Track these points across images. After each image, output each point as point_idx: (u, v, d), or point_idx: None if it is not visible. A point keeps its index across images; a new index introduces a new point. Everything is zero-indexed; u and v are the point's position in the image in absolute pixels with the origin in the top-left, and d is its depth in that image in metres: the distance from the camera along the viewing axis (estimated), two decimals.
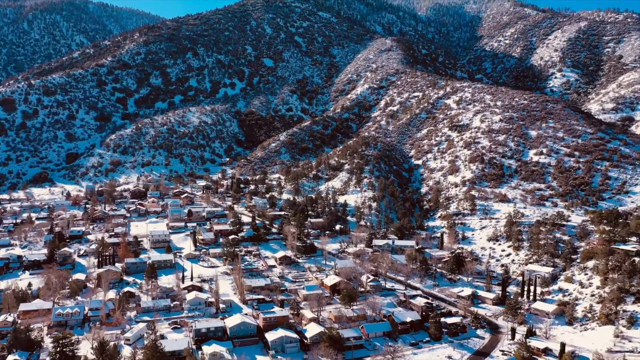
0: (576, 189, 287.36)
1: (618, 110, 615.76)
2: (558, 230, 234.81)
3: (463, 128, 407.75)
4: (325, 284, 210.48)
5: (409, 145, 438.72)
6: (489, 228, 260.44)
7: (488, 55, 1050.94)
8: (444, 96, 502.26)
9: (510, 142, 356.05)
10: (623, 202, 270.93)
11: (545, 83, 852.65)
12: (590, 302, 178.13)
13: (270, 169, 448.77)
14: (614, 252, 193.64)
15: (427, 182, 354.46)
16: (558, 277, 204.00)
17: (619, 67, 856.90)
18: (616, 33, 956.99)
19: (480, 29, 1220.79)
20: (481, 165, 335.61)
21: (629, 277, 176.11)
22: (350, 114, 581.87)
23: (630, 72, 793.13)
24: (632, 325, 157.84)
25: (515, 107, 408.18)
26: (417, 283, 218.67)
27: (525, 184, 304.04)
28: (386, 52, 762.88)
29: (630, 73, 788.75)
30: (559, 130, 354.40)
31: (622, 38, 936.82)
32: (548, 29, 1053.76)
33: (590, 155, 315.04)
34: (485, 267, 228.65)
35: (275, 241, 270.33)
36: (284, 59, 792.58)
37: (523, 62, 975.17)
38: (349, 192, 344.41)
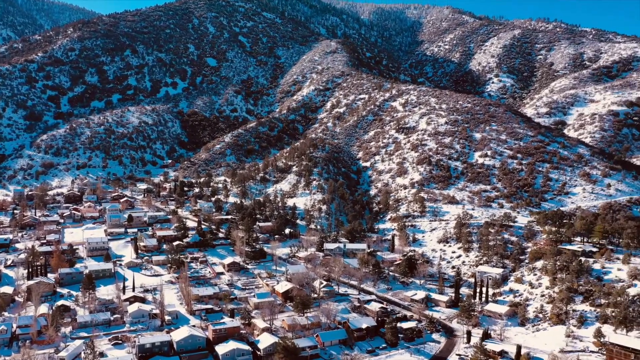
0: (520, 190, 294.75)
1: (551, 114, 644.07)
2: (506, 231, 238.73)
3: (410, 130, 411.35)
4: (277, 290, 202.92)
5: (357, 147, 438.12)
6: (439, 230, 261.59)
7: (429, 60, 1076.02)
8: (390, 98, 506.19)
9: (456, 144, 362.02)
10: (564, 202, 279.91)
11: (483, 87, 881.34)
12: (540, 302, 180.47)
13: (216, 172, 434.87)
14: (561, 252, 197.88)
15: (376, 184, 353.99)
16: (508, 277, 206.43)
17: (551, 74, 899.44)
18: (547, 41, 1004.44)
19: (421, 34, 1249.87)
20: (429, 167, 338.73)
21: (576, 276, 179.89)
22: (297, 115, 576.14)
23: (561, 79, 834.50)
24: (582, 324, 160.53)
25: (459, 110, 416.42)
26: (370, 287, 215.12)
27: (472, 186, 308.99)
28: (331, 54, 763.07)
29: (561, 79, 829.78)
30: (502, 133, 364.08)
31: (553, 46, 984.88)
32: (485, 35, 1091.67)
33: (532, 158, 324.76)
34: (437, 270, 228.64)
35: (222, 247, 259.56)
36: (228, 59, 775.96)
37: (462, 67, 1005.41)
38: (298, 195, 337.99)
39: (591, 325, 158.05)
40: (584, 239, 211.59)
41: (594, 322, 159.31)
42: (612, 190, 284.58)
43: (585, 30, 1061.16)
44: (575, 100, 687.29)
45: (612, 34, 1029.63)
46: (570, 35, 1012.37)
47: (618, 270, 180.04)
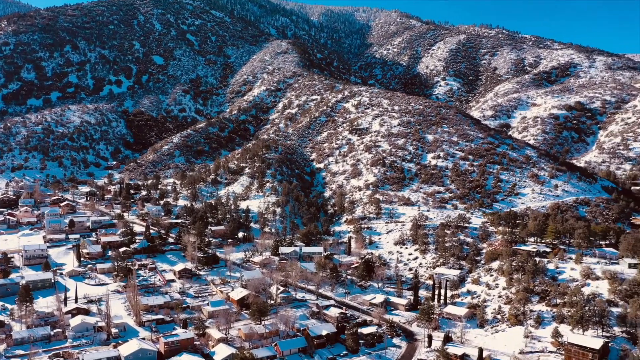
0: (473, 192, 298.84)
1: (497, 117, 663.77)
2: (461, 232, 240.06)
3: (363, 132, 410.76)
4: (232, 298, 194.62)
5: (310, 149, 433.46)
6: (395, 232, 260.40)
7: (378, 62, 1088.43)
8: (342, 100, 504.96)
9: (410, 145, 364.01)
10: (514, 203, 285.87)
11: (431, 90, 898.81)
12: (498, 303, 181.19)
13: (164, 173, 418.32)
14: (517, 252, 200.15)
15: (330, 186, 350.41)
16: (465, 279, 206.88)
17: (495, 78, 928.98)
18: (490, 47, 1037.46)
19: (370, 37, 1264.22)
20: (383, 169, 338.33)
21: (532, 277, 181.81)
22: (248, 115, 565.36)
23: (505, 83, 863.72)
24: (539, 325, 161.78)
25: (411, 112, 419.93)
26: (328, 292, 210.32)
27: (426, 187, 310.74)
28: (282, 55, 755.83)
29: (505, 83, 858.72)
30: (454, 134, 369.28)
31: (496, 51, 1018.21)
32: (432, 40, 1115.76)
33: (482, 159, 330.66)
34: (395, 272, 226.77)
35: (173, 252, 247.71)
36: (175, 57, 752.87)
37: (410, 70, 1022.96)
38: (251, 197, 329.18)
39: (548, 325, 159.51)
40: (537, 240, 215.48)
41: (551, 322, 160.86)
42: (559, 191, 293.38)
43: (525, 37, 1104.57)
44: (519, 103, 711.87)
45: (550, 40, 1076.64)
46: (511, 42, 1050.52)
47: (571, 269, 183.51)
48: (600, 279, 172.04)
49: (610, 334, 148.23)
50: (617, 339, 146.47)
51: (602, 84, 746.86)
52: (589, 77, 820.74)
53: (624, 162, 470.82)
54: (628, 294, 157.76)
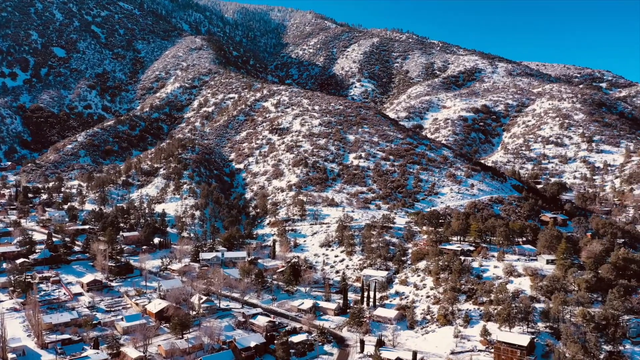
0: (394, 192, 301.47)
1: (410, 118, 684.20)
2: (387, 232, 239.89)
3: (284, 131, 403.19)
4: (150, 310, 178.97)
5: (229, 149, 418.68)
6: (321, 234, 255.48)
7: (294, 63, 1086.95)
8: (261, 99, 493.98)
9: (331, 146, 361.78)
10: (434, 202, 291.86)
11: (347, 91, 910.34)
12: (427, 303, 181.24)
13: (68, 175, 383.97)
14: (442, 252, 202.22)
15: (252, 187, 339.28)
16: (393, 280, 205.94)
17: (407, 81, 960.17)
18: (402, 50, 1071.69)
19: (285, 37, 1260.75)
20: (305, 169, 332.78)
21: (458, 276, 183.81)
22: (161, 114, 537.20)
23: (417, 85, 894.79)
24: (468, 324, 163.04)
25: (332, 112, 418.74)
26: (254, 299, 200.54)
27: (349, 187, 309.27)
28: (197, 51, 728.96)
29: (417, 86, 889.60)
30: (374, 135, 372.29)
31: (407, 55, 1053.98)
32: (347, 42, 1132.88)
33: (403, 159, 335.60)
34: (322, 276, 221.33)
35: (80, 262, 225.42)
36: (79, 50, 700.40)
37: (326, 70, 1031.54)
38: (167, 200, 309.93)
39: (477, 324, 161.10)
40: (461, 238, 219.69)
41: (479, 320, 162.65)
42: (475, 190, 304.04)
43: (434, 42, 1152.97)
44: (430, 106, 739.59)
45: (456, 47, 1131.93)
46: (421, 46, 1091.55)
47: (494, 267, 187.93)
48: (522, 275, 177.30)
49: (535, 330, 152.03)
50: (542, 334, 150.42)
51: (505, 88, 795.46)
52: (492, 82, 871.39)
53: (526, 162, 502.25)
54: (549, 289, 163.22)
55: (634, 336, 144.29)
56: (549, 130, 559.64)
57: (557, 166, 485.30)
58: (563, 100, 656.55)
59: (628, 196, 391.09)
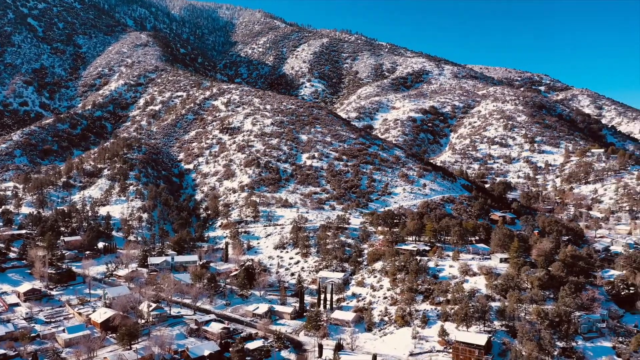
0: (348, 192, 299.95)
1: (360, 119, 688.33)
2: (342, 233, 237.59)
3: (235, 131, 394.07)
4: (94, 320, 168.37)
5: (178, 148, 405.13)
6: (275, 235, 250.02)
7: (244, 61, 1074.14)
8: (211, 97, 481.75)
9: (284, 145, 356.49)
10: (388, 202, 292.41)
11: (297, 91, 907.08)
12: (384, 304, 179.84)
13: (2, 176, 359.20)
14: (399, 252, 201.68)
15: (202, 188, 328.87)
16: (349, 281, 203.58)
17: (357, 81, 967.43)
18: (352, 51, 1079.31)
19: (234, 35, 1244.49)
20: (258, 170, 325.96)
21: (415, 276, 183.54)
22: (104, 112, 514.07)
23: (366, 86, 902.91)
24: (426, 324, 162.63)
25: (284, 112, 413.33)
26: (207, 305, 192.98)
27: (303, 188, 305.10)
28: (142, 47, 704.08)
29: (366, 87, 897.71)
30: (327, 135, 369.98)
31: (357, 56, 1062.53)
32: (296, 41, 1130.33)
33: (356, 160, 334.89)
34: (277, 278, 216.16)
35: (16, 270, 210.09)
36: (13, 43, 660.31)
37: (276, 70, 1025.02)
38: (112, 202, 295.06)
39: (434, 324, 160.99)
40: (416, 238, 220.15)
41: (437, 320, 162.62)
42: (428, 190, 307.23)
43: (382, 44, 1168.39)
44: (380, 106, 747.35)
45: (403, 49, 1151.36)
46: (370, 47, 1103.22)
47: (450, 267, 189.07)
48: (477, 274, 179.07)
49: (492, 329, 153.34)
50: (498, 332, 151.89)
51: (451, 90, 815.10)
52: (439, 84, 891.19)
53: (473, 162, 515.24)
54: (504, 288, 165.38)
55: (585, 332, 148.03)
56: (494, 131, 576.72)
57: (502, 166, 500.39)
58: (506, 102, 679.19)
59: (568, 195, 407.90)
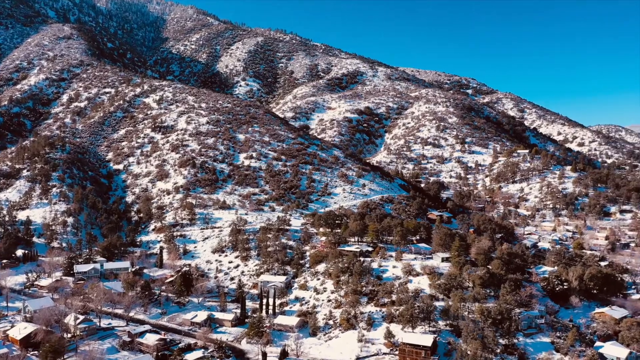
0: (288, 192, 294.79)
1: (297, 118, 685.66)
2: (283, 235, 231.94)
3: (168, 130, 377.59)
4: (12, 337, 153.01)
5: (106, 148, 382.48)
6: (213, 238, 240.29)
7: (175, 58, 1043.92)
8: (142, 94, 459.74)
9: (220, 145, 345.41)
10: (328, 203, 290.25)
11: (231, 90, 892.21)
12: (328, 308, 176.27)
13: None
14: (342, 253, 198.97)
15: (133, 190, 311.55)
16: (292, 285, 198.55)
17: (292, 81, 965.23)
18: (287, 51, 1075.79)
19: (165, 31, 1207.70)
20: (193, 170, 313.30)
21: (359, 277, 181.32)
22: (23, 108, 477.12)
23: (302, 86, 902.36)
24: (371, 327, 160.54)
25: (220, 110, 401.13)
26: (141, 314, 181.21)
27: (241, 189, 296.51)
28: (65, 40, 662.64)
29: (302, 87, 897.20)
30: (265, 134, 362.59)
31: (292, 56, 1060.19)
32: (230, 39, 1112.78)
33: (295, 160, 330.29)
34: (216, 284, 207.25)
35: None
36: None
37: (210, 68, 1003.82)
38: (32, 206, 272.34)
39: (380, 326, 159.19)
40: (359, 239, 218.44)
41: (382, 322, 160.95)
42: (367, 190, 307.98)
43: (317, 45, 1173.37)
44: (316, 106, 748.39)
45: (338, 50, 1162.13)
46: (305, 48, 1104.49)
47: (393, 267, 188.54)
48: (420, 274, 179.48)
49: (437, 329, 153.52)
50: (443, 332, 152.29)
51: (385, 91, 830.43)
52: (373, 85, 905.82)
53: (408, 162, 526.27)
54: (447, 287, 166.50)
55: (525, 328, 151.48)
56: (427, 132, 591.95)
57: (435, 166, 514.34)
58: (438, 104, 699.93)
59: (497, 193, 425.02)
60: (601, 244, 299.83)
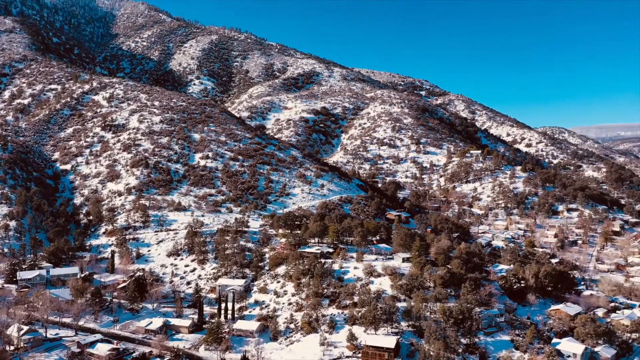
0: (245, 193, 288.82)
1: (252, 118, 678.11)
2: (242, 237, 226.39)
3: (119, 128, 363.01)
4: None
5: (52, 147, 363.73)
6: (168, 241, 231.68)
7: (126, 55, 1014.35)
8: (90, 91, 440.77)
9: (175, 145, 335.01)
10: (286, 204, 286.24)
11: (185, 88, 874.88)
12: (289, 311, 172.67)
13: None
14: (302, 255, 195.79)
15: (82, 191, 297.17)
16: (251, 288, 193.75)
17: (247, 80, 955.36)
18: (242, 50, 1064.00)
19: (115, 27, 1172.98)
20: (146, 170, 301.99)
21: (320, 279, 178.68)
22: None
23: (258, 86, 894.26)
24: (333, 329, 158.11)
25: (174, 109, 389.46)
26: (91, 323, 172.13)
27: (196, 190, 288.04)
28: (7, 34, 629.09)
29: (258, 86, 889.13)
30: (221, 134, 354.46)
31: (247, 55, 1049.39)
32: (184, 37, 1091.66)
33: (252, 160, 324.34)
34: (172, 289, 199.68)
35: None
36: None
37: (162, 65, 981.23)
38: None
39: (342, 329, 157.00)
40: (319, 240, 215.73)
41: (344, 325, 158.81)
42: (325, 190, 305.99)
43: (272, 44, 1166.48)
44: (272, 106, 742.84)
45: (293, 50, 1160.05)
46: (260, 47, 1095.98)
47: (355, 268, 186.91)
48: (382, 275, 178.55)
49: (399, 330, 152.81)
50: (405, 333, 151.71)
51: (341, 92, 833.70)
52: (329, 86, 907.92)
53: (364, 162, 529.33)
54: (408, 288, 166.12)
55: (485, 327, 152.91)
56: (383, 133, 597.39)
57: (391, 166, 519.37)
58: (393, 105, 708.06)
59: (452, 193, 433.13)
60: (551, 241, 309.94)
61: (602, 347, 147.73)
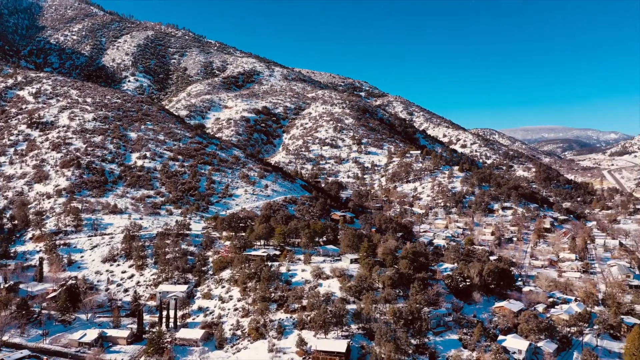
0: (186, 195, 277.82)
1: (191, 117, 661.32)
2: (183, 241, 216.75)
3: (47, 126, 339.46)
4: None
5: None
6: (103, 247, 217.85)
7: (54, 49, 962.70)
8: (14, 86, 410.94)
9: (109, 144, 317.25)
10: (230, 205, 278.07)
11: (120, 85, 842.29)
12: (235, 317, 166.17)
13: None
14: (248, 258, 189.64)
15: (5, 194, 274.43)
16: (194, 294, 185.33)
17: (186, 78, 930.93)
18: (180, 47, 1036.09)
19: (42, 19, 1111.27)
20: (78, 171, 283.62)
21: (267, 283, 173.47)
22: None
23: (197, 84, 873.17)
24: (282, 335, 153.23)
25: (109, 106, 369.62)
26: (17, 337, 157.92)
27: (134, 191, 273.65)
28: None
29: (197, 84, 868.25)
30: (160, 133, 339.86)
31: (185, 52, 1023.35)
32: (117, 32, 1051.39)
33: (193, 160, 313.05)
34: (108, 297, 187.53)
35: None
36: None
37: (94, 61, 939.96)
38: None
39: (291, 334, 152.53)
40: (265, 242, 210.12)
41: (293, 330, 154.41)
42: (270, 191, 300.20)
43: (211, 42, 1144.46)
44: (212, 105, 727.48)
45: (233, 48, 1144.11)
46: (199, 44, 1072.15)
47: (302, 271, 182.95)
48: (330, 277, 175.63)
49: (350, 333, 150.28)
50: (356, 336, 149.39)
51: (282, 92, 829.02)
52: (270, 85, 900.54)
53: (306, 162, 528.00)
54: (357, 289, 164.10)
55: (434, 327, 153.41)
56: (325, 133, 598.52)
57: (333, 166, 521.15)
58: (334, 105, 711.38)
59: (393, 193, 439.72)
60: (488, 239, 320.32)
61: (544, 342, 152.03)
